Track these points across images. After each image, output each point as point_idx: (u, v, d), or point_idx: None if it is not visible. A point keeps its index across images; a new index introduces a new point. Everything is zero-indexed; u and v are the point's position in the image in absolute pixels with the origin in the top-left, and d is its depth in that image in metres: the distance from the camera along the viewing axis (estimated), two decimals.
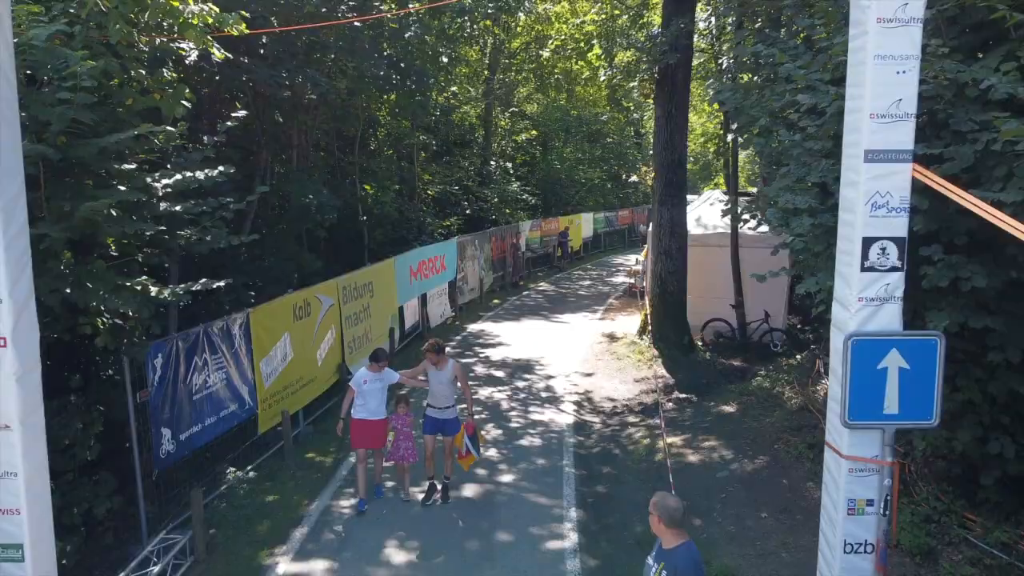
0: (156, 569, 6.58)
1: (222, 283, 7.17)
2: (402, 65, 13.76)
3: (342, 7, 11.36)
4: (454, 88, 24.60)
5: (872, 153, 4.33)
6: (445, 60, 17.51)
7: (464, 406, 8.62)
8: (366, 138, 18.71)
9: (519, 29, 27.35)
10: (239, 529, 7.86)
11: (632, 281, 22.89)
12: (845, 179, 4.57)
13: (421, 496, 8.41)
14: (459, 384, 8.42)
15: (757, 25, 10.06)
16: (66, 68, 5.33)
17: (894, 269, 4.44)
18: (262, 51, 9.69)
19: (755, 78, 8.87)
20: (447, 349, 10.30)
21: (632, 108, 29.60)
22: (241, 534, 7.76)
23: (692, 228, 15.61)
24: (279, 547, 7.52)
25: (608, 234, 37.44)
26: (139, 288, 6.15)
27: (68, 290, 5.92)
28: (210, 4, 6.06)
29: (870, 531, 4.69)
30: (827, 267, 6.04)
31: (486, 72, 27.57)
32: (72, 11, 5.76)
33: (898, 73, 4.26)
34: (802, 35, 7.23)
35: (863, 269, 4.44)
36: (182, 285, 6.65)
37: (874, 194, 4.36)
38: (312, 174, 13.10)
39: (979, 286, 5.17)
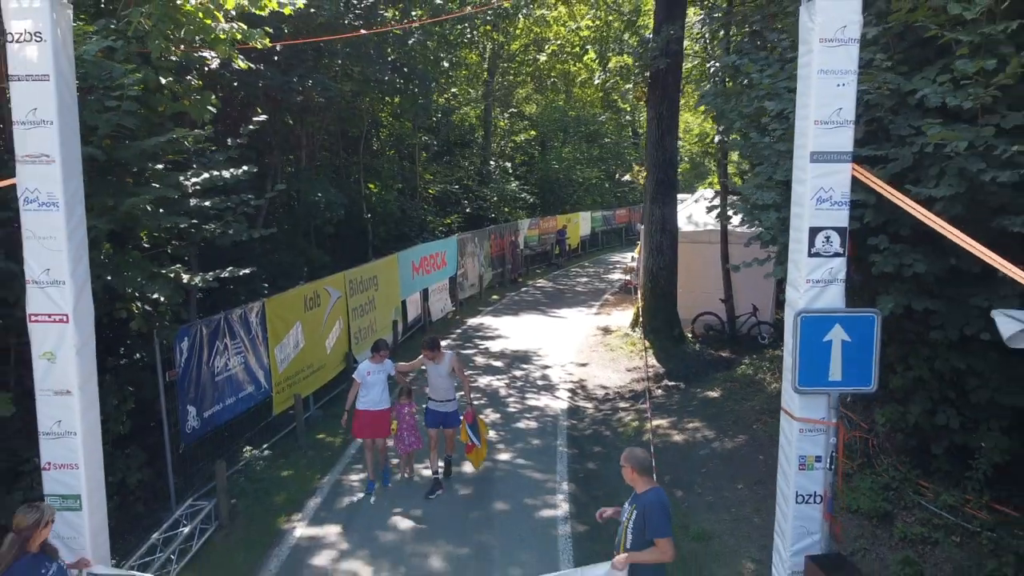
0: (185, 530, 7.27)
1: (247, 270, 7.86)
2: (405, 70, 14.45)
3: (349, 15, 12.03)
4: (454, 90, 25.29)
5: (817, 154, 5.02)
6: (446, 65, 18.21)
7: (462, 393, 9.04)
8: (369, 139, 19.39)
9: (518, 32, 28.04)
10: (258, 499, 8.55)
11: (628, 278, 23.56)
12: (795, 177, 5.26)
13: (427, 472, 8.95)
14: (457, 375, 8.69)
15: (736, 36, 10.73)
16: (110, 79, 6.00)
17: (837, 255, 5.13)
18: (275, 58, 10.38)
19: (734, 84, 9.54)
20: (446, 342, 10.85)
21: (628, 109, 30.26)
22: (260, 503, 8.45)
23: (683, 225, 16.28)
24: (295, 514, 8.21)
25: (605, 232, 38.11)
26: (171, 275, 6.84)
27: (109, 277, 6.60)
28: (238, 22, 6.74)
29: (818, 484, 5.37)
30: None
31: (485, 75, 28.24)
32: (113, 26, 6.44)
33: (838, 85, 4.94)
34: (772, 48, 7.91)
35: (810, 255, 5.12)
36: (211, 272, 7.33)
37: (819, 190, 5.05)
38: (319, 173, 13.77)
39: (920, 272, 5.84)
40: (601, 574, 5.00)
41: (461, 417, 8.68)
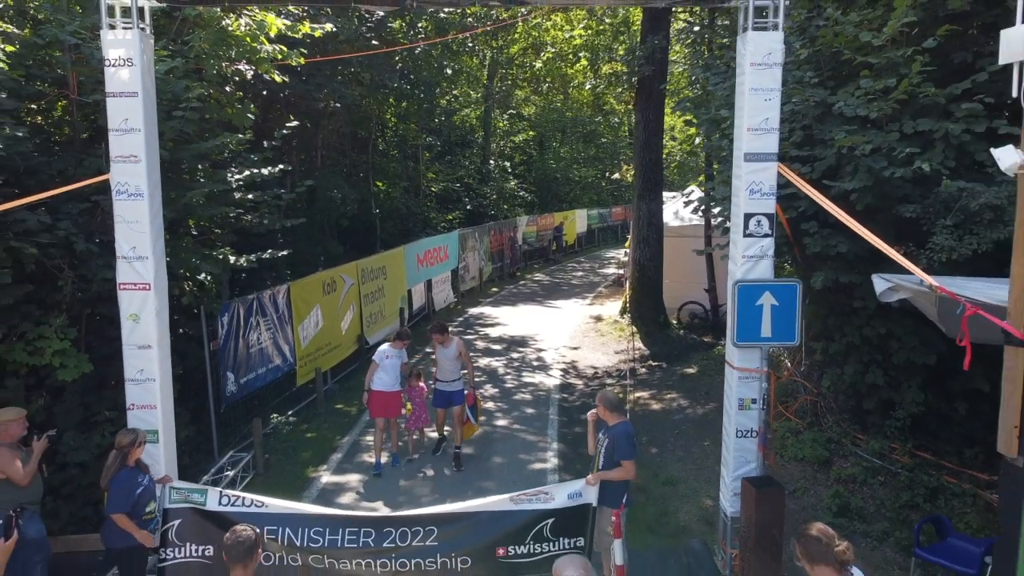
0: (230, 475, 8.53)
1: (284, 252, 9.12)
2: (412, 76, 15.72)
3: (362, 28, 13.31)
4: (455, 92, 26.57)
5: (749, 155, 6.27)
6: (449, 72, 19.49)
7: (466, 371, 10.00)
8: (376, 140, 20.66)
9: (516, 36, 29.29)
10: (287, 455, 9.81)
11: (622, 272, 24.82)
12: (734, 173, 6.51)
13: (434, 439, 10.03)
14: (463, 358, 9.47)
15: (705, 51, 11.99)
16: (173, 94, 7.25)
17: (766, 236, 6.38)
18: (299, 69, 11.64)
19: (703, 94, 10.81)
20: (451, 328, 11.86)
21: (621, 111, 31.52)
22: (289, 458, 9.72)
23: (671, 221, 17.55)
24: (321, 466, 9.48)
25: (602, 229, 39.34)
26: (220, 257, 8.10)
27: (168, 259, 7.85)
28: (278, 44, 7.98)
29: (754, 422, 6.62)
30: None
31: (484, 79, 29.51)
32: (171, 49, 7.69)
33: (766, 100, 6.19)
34: (729, 64, 9.17)
35: (745, 235, 6.38)
36: (254, 254, 8.60)
37: (751, 183, 6.30)
38: (334, 172, 15.05)
39: (843, 251, 7.11)
40: (578, 488, 6.27)
41: (465, 394, 9.55)
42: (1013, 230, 4.34)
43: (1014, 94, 3.75)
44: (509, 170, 31.79)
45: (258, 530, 4.17)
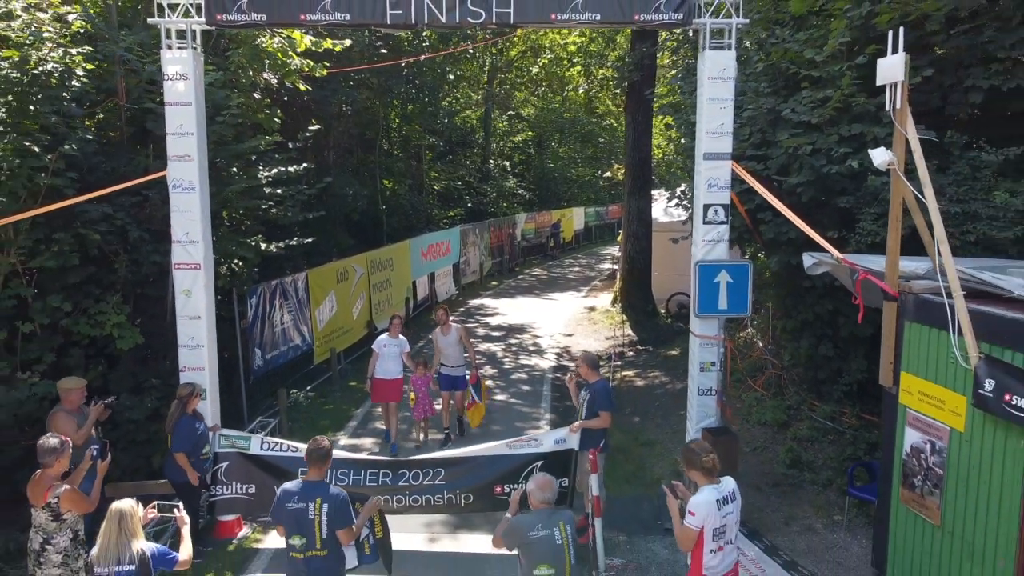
0: None
1: (309, 240, 10.27)
2: (416, 81, 16.87)
3: (371, 37, 14.49)
4: (457, 94, 27.72)
5: (707, 154, 7.41)
6: (452, 77, 20.64)
7: (467, 355, 10.83)
8: (381, 141, 21.82)
9: (516, 39, 30.42)
10: (308, 423, 10.97)
11: (616, 267, 25.96)
12: (696, 170, 7.66)
13: (440, 437, 10.55)
14: (464, 343, 10.16)
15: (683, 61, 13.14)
16: (214, 103, 8.38)
17: (722, 223, 7.52)
18: (316, 76, 12.78)
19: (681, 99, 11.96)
20: (452, 317, 12.68)
21: (615, 110, 32.63)
22: (310, 426, 10.86)
23: (661, 217, 18.67)
24: (339, 432, 10.64)
25: (599, 227, 40.49)
26: (253, 244, 9.25)
27: None
28: (308, 60, 9.11)
29: (713, 382, 7.77)
30: None
31: (484, 82, 30.65)
32: (212, 62, 8.83)
33: (721, 108, 7.33)
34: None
35: (704, 223, 7.52)
36: (283, 241, 9.75)
37: (709, 178, 7.44)
38: (345, 170, 16.20)
39: (793, 237, 8.24)
40: (563, 435, 7.41)
41: (468, 377, 10.29)
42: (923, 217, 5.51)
43: (887, 107, 4.89)
44: (508, 169, 32.95)
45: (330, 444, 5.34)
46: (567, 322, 18.64)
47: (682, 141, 12.03)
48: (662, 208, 19.39)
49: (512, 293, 23.45)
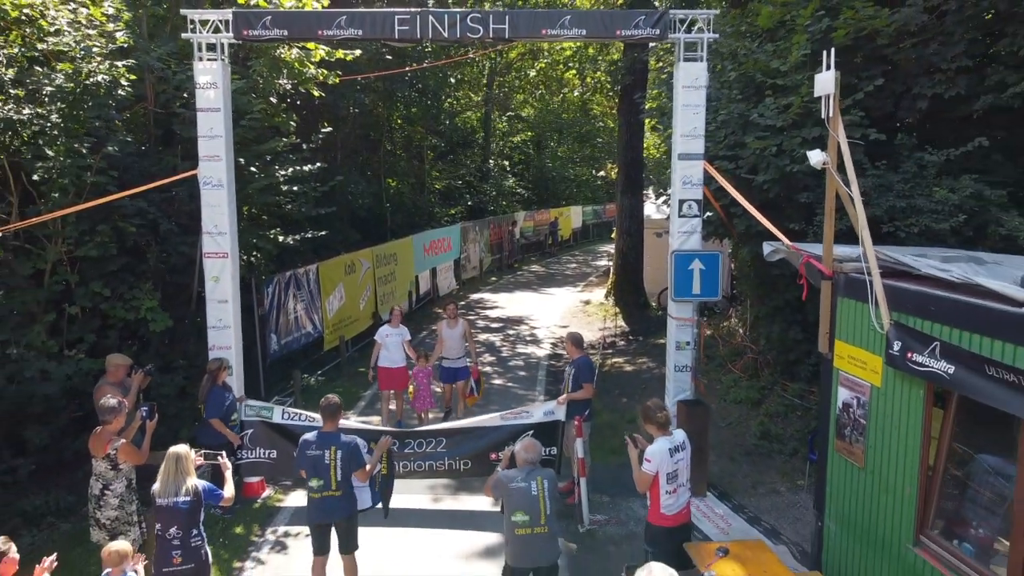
0: None
1: (323, 232, 11.14)
2: (419, 85, 17.72)
3: (377, 44, 15.36)
4: (458, 95, 28.60)
5: (682, 155, 8.28)
6: (453, 81, 21.49)
7: (468, 345, 11.79)
8: (383, 141, 22.68)
9: (514, 43, 31.32)
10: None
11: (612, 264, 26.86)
12: (672, 168, 8.53)
13: (441, 416, 11.66)
14: (467, 338, 10.70)
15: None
16: (237, 108, 9.26)
17: (695, 216, 8.39)
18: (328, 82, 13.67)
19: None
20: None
21: (609, 113, 33.53)
22: None
23: (653, 214, 19.53)
24: (349, 411, 11.50)
25: (596, 225, 41.36)
26: (271, 236, 10.13)
27: None
28: (322, 69, 9.99)
29: (688, 359, 8.63)
30: None
31: (484, 84, 31.52)
32: (235, 73, 9.70)
33: (694, 114, 8.20)
34: None
35: (679, 216, 8.39)
36: (299, 234, 10.63)
37: (683, 176, 8.31)
38: (351, 169, 17.08)
39: (761, 230, 9.08)
40: (551, 407, 8.28)
41: (469, 369, 10.80)
42: (873, 212, 6.39)
43: (823, 116, 5.76)
44: (508, 169, 33.83)
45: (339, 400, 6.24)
46: (563, 314, 19.51)
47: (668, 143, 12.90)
48: (655, 206, 20.30)
49: (511, 288, 24.33)
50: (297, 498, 8.56)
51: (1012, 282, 4.47)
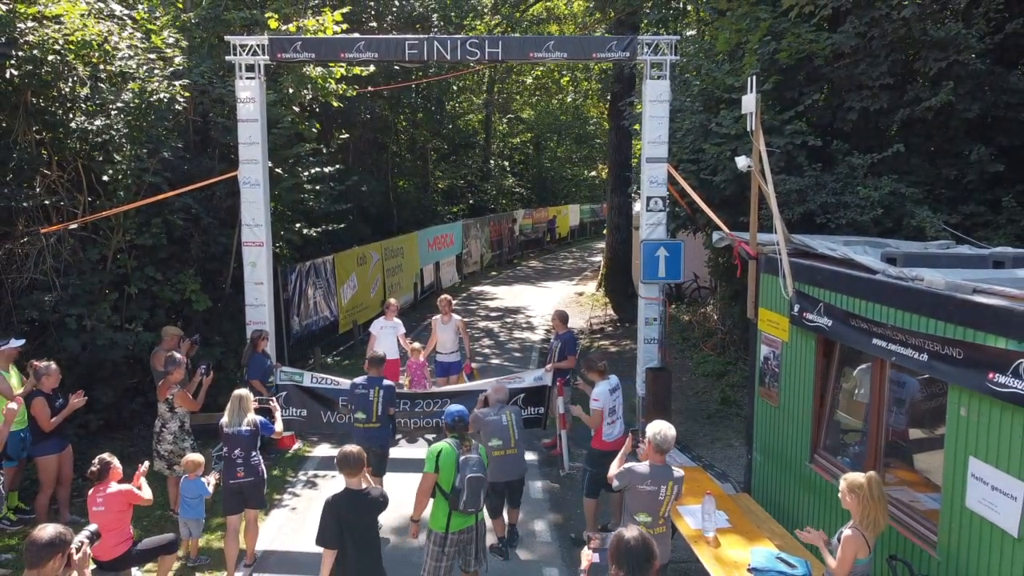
0: None
1: (342, 225, 12.64)
2: (425, 93, 19.22)
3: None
4: (460, 99, 30.11)
5: (649, 158, 9.76)
6: (455, 88, 23.01)
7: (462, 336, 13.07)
8: (389, 143, 24.20)
9: None
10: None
11: None
12: (641, 170, 10.00)
13: None
14: (461, 333, 10.78)
15: None
16: (269, 118, 10.76)
17: (661, 210, 9.87)
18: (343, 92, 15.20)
19: None
20: (454, 303, 14.53)
21: (602, 117, 34.99)
22: None
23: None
24: None
25: (593, 223, 42.82)
26: (297, 228, 11.64)
27: None
28: (342, 84, 11.48)
29: (655, 332, 10.11)
30: None
31: (485, 91, 33.01)
32: (269, 88, 11.20)
33: (659, 123, 9.67)
34: None
35: (647, 211, 9.87)
36: (321, 227, 12.13)
37: (650, 176, 9.79)
38: (361, 169, 18.60)
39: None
40: (540, 374, 9.77)
41: (463, 365, 11.10)
42: (809, 206, 7.90)
43: (747, 129, 7.24)
44: (508, 169, 35.36)
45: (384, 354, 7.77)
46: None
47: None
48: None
49: (510, 281, 25.82)
50: (323, 449, 10.07)
51: (879, 259, 5.95)
